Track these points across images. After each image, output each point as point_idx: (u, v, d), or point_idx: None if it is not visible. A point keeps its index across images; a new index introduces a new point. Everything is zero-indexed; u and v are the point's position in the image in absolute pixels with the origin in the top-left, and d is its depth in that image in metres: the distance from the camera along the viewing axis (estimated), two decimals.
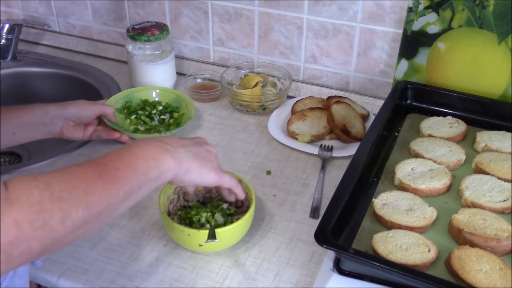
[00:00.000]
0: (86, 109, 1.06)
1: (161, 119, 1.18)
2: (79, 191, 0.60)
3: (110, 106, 1.12)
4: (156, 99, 1.24)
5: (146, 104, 1.22)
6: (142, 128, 1.16)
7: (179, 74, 1.38)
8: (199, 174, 0.76)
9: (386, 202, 0.87)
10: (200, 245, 0.83)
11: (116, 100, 1.21)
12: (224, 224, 0.86)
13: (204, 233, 0.81)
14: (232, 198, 0.87)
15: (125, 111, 1.19)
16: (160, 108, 1.20)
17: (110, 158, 0.66)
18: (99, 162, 0.65)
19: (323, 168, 1.07)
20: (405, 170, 0.94)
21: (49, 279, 0.84)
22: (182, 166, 0.73)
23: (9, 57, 1.46)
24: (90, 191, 0.61)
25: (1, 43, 1.43)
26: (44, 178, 0.58)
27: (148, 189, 0.69)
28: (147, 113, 1.19)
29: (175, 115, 1.19)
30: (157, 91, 1.25)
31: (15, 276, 0.74)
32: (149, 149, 0.70)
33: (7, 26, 1.43)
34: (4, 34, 1.43)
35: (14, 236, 0.53)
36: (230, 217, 0.88)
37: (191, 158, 0.75)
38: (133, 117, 1.18)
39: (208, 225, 0.85)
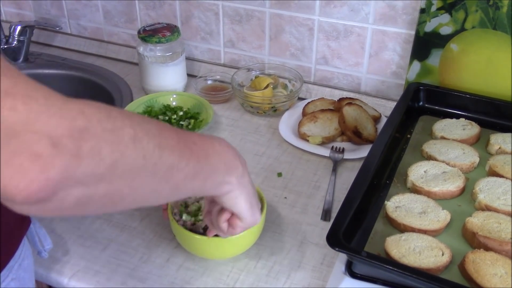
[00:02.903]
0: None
1: (180, 125, 1.18)
2: (154, 130, 0.52)
3: None
4: (177, 104, 1.24)
5: (167, 110, 1.22)
6: None
7: (190, 75, 1.38)
8: (245, 208, 0.70)
9: (398, 205, 0.86)
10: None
11: (138, 104, 1.22)
12: None
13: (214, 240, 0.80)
14: (226, 234, 0.76)
15: (146, 115, 1.20)
16: (181, 113, 1.21)
17: (191, 133, 0.61)
18: (176, 129, 0.58)
19: (334, 170, 1.06)
20: (418, 172, 0.93)
21: (60, 280, 0.84)
22: (238, 190, 0.67)
23: (21, 59, 1.47)
24: (164, 136, 0.53)
25: (13, 45, 1.44)
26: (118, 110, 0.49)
27: (205, 189, 0.63)
28: (167, 118, 1.20)
29: (195, 121, 1.19)
30: (178, 96, 1.26)
31: (20, 269, 0.74)
32: (226, 155, 0.65)
33: (19, 28, 1.44)
34: (16, 36, 1.44)
35: (83, 125, 0.43)
36: None
37: (248, 191, 0.69)
38: None
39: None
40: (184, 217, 0.84)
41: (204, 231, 0.85)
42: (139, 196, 0.52)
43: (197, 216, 0.85)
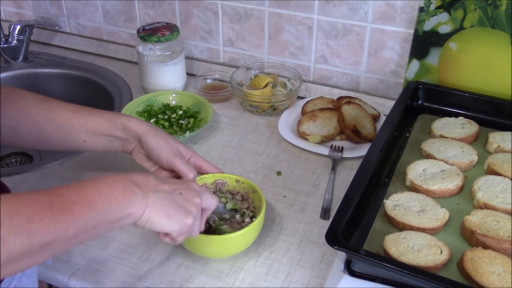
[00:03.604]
0: (161, 154, 0.85)
1: (179, 124, 1.18)
2: (23, 217, 0.54)
3: (191, 171, 0.86)
4: (177, 103, 1.24)
5: (167, 108, 1.22)
6: None
7: (189, 74, 1.39)
8: (163, 224, 0.68)
9: (397, 203, 0.86)
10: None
11: (138, 103, 1.22)
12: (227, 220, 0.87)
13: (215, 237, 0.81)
14: (165, 240, 0.74)
15: (146, 114, 1.20)
16: (180, 112, 1.21)
17: (70, 190, 0.61)
18: (56, 192, 0.60)
19: (333, 168, 1.07)
20: (416, 171, 0.93)
21: (60, 279, 0.85)
22: (145, 213, 0.66)
23: (21, 58, 1.47)
24: (36, 220, 0.55)
25: (13, 44, 1.44)
26: None
27: (107, 229, 0.64)
28: (166, 117, 1.20)
29: (194, 120, 1.19)
30: (177, 95, 1.26)
31: (23, 276, 0.74)
32: (116, 189, 0.64)
33: (18, 27, 1.44)
34: (15, 35, 1.44)
35: None
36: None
37: (160, 206, 0.68)
38: (152, 120, 1.18)
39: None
40: None
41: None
42: (36, 263, 0.59)
43: None
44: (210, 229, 0.85)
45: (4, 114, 0.80)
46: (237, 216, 0.88)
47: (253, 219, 0.87)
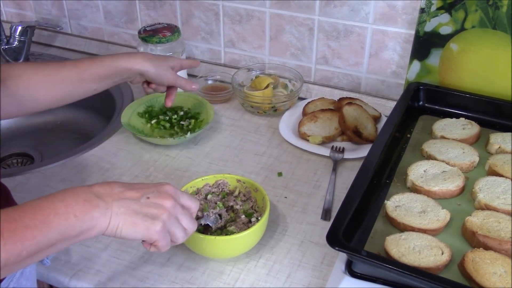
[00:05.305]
0: (163, 81, 1.00)
1: (180, 125, 1.18)
2: None
3: (192, 83, 1.05)
4: (178, 104, 1.24)
5: (168, 109, 1.22)
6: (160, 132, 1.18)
7: (190, 75, 1.39)
8: (131, 232, 0.67)
9: (398, 204, 0.86)
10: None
11: (139, 104, 1.22)
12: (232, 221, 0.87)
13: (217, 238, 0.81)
14: (150, 249, 0.72)
15: (147, 115, 1.20)
16: (181, 113, 1.21)
17: (23, 212, 0.60)
18: (8, 216, 0.58)
19: (334, 169, 1.07)
20: (417, 172, 0.93)
21: (61, 280, 0.85)
22: (111, 222, 0.65)
23: (22, 59, 1.47)
24: None
25: (14, 45, 1.45)
26: None
27: (68, 244, 0.63)
28: (167, 118, 1.20)
29: (195, 121, 1.19)
30: (178, 96, 1.25)
31: (22, 277, 0.74)
32: (75, 205, 0.63)
33: (20, 28, 1.44)
34: (17, 36, 1.44)
35: None
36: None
37: (125, 214, 0.66)
38: (153, 121, 1.19)
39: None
40: None
41: (204, 230, 0.85)
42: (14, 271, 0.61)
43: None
44: (211, 230, 0.86)
45: (13, 91, 0.84)
46: (243, 216, 0.88)
47: (258, 218, 0.87)
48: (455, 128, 1.05)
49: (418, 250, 0.77)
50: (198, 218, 0.85)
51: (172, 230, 0.71)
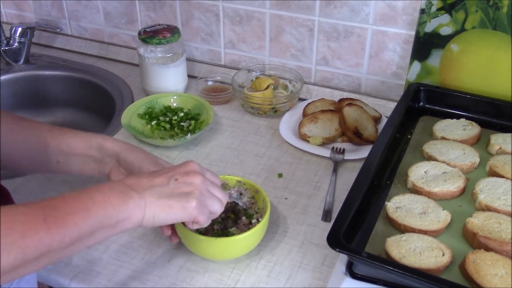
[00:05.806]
0: (143, 166, 0.82)
1: (180, 126, 1.18)
2: (16, 234, 0.55)
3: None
4: (178, 105, 1.24)
5: (168, 111, 1.22)
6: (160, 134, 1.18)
7: (190, 76, 1.39)
8: (169, 215, 0.69)
9: (399, 205, 0.86)
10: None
11: (139, 105, 1.22)
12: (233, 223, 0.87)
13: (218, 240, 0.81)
14: (193, 227, 0.75)
15: (147, 116, 1.20)
16: (181, 114, 1.21)
17: (64, 201, 0.62)
18: (50, 204, 0.60)
19: (335, 170, 1.06)
20: (418, 173, 0.93)
21: (61, 282, 0.85)
22: (146, 212, 0.67)
23: (22, 60, 1.47)
24: (29, 235, 0.56)
25: (14, 47, 1.44)
26: None
27: (105, 235, 0.65)
28: (167, 119, 1.20)
29: (196, 122, 1.19)
30: (178, 97, 1.26)
31: (22, 281, 0.74)
32: (111, 196, 0.65)
33: (20, 29, 1.44)
34: (17, 38, 1.44)
35: None
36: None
37: (159, 200, 0.68)
38: (153, 122, 1.19)
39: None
40: None
41: (204, 231, 0.85)
42: (33, 271, 0.60)
43: None
44: (214, 231, 0.85)
45: None
46: (243, 217, 0.88)
47: (259, 219, 0.87)
48: (456, 129, 1.05)
49: (419, 252, 0.77)
50: None
51: (207, 202, 0.73)
